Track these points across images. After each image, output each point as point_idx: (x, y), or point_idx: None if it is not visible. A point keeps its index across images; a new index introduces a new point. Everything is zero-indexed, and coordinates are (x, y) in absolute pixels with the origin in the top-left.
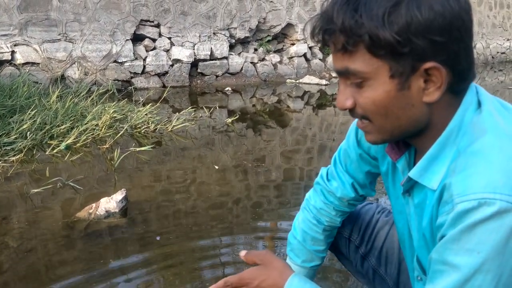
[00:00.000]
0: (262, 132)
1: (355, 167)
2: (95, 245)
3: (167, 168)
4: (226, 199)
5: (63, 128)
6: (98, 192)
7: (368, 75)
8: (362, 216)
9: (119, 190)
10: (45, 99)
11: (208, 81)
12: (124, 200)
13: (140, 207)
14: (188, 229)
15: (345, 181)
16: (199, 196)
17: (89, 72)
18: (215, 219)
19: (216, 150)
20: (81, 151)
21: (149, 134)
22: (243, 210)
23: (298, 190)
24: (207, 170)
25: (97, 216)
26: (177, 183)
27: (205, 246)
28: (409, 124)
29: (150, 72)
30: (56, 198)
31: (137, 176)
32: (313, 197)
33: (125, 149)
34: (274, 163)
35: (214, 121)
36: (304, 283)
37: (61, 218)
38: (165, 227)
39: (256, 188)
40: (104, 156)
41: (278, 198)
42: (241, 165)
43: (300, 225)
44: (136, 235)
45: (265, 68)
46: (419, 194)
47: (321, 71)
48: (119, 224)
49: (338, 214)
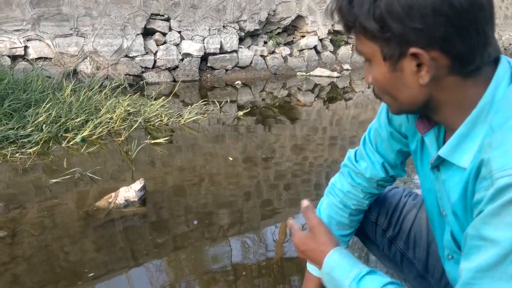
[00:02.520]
0: (272, 126)
1: (386, 146)
2: (115, 233)
3: (182, 159)
4: (239, 189)
5: (78, 121)
6: (116, 183)
7: (368, 56)
8: (389, 199)
9: (137, 180)
10: (59, 93)
11: (217, 75)
12: (143, 190)
13: (159, 197)
14: (204, 221)
15: (375, 161)
16: (214, 186)
17: (101, 66)
18: (229, 207)
19: (227, 143)
20: (96, 143)
21: (162, 127)
22: (268, 196)
23: (309, 185)
24: (220, 161)
25: (117, 205)
26: (192, 174)
27: (224, 234)
28: (409, 103)
29: (160, 66)
30: (75, 188)
31: (153, 167)
32: (339, 180)
33: (140, 141)
34: (285, 156)
35: (225, 115)
36: (343, 257)
37: (81, 207)
38: (185, 216)
39: (266, 183)
40: (119, 148)
41: (289, 194)
42: (252, 158)
43: (325, 210)
44: (156, 224)
45: (275, 61)
46: (447, 171)
47: (332, 63)
48: (139, 212)
49: (366, 197)
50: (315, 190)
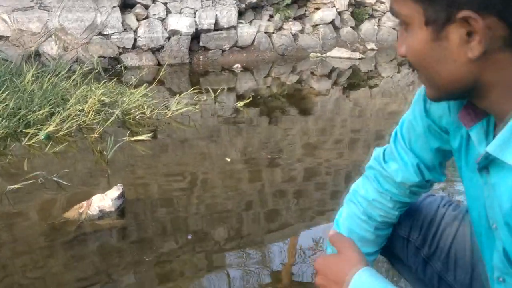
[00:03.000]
0: (279, 119)
1: (422, 144)
2: (87, 252)
3: (168, 161)
4: (239, 197)
5: (41, 114)
6: (89, 189)
7: (406, 18)
8: (424, 210)
9: (114, 186)
10: (17, 80)
11: (212, 57)
12: (121, 198)
13: (141, 207)
14: (196, 234)
15: (408, 161)
16: (208, 193)
17: (69, 47)
18: (226, 221)
19: (224, 141)
20: (64, 141)
21: (145, 121)
22: (274, 205)
23: (324, 191)
24: (216, 163)
25: (90, 216)
26: (182, 179)
27: (219, 252)
28: (450, 83)
29: (142, 46)
30: (38, 196)
31: (134, 171)
32: (363, 185)
33: (118, 138)
34: (294, 157)
35: (221, 106)
36: (374, 278)
37: (46, 219)
38: (172, 230)
39: (271, 189)
40: (92, 147)
41: (299, 202)
42: (254, 159)
43: (345, 222)
44: (137, 240)
45: (282, 39)
46: (498, 173)
47: (354, 42)
48: (117, 225)
49: (395, 207)
50: (332, 198)
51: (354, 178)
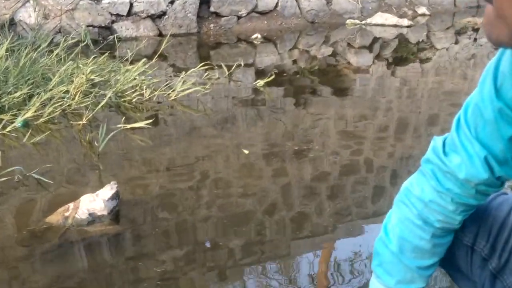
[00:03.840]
0: (309, 102)
1: (491, 131)
2: (73, 267)
3: (172, 152)
4: (259, 198)
5: (18, 97)
6: (76, 188)
7: None
8: (493, 213)
9: (107, 184)
10: None
11: (226, 26)
12: (115, 199)
13: (139, 209)
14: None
15: (474, 153)
16: (220, 193)
17: (50, 14)
18: (244, 227)
19: (241, 128)
20: (45, 129)
21: (144, 105)
22: (303, 208)
23: (364, 190)
24: (231, 156)
25: (77, 221)
26: (188, 175)
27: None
28: None
29: (139, 13)
30: (15, 196)
31: (130, 165)
32: (418, 183)
33: (111, 126)
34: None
35: (237, 86)
36: None
37: (24, 224)
38: (178, 237)
39: (299, 188)
40: (80, 137)
41: (333, 204)
42: (278, 151)
43: (395, 228)
44: (135, 250)
45: (312, 2)
46: None
47: (401, 5)
48: (110, 232)
49: (458, 210)
50: (376, 199)
51: (403, 174)
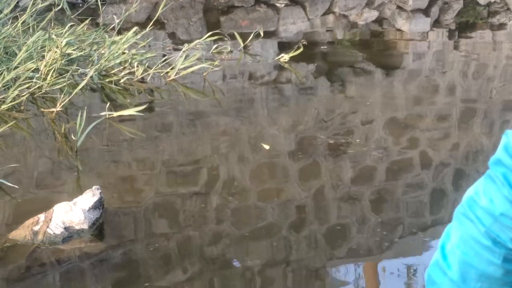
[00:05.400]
0: (348, 82)
1: None
2: None
3: (171, 148)
4: (284, 206)
5: None
6: (48, 194)
7: None
8: None
9: (87, 190)
10: None
11: None
12: (98, 207)
13: (127, 221)
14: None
15: None
16: (235, 198)
17: None
18: (263, 243)
19: (260, 116)
20: (9, 118)
21: (135, 86)
22: (340, 218)
23: (419, 195)
24: (247, 152)
25: (49, 237)
26: (191, 176)
27: None
28: None
29: None
30: None
31: (117, 165)
32: (486, 192)
33: (93, 114)
34: (371, 140)
35: (255, 62)
36: None
37: None
38: (179, 256)
39: (336, 194)
40: (54, 128)
41: (380, 213)
42: (308, 145)
43: (457, 249)
44: (124, 273)
45: None
46: None
47: None
48: (91, 251)
49: None
50: (434, 209)
51: (470, 174)
